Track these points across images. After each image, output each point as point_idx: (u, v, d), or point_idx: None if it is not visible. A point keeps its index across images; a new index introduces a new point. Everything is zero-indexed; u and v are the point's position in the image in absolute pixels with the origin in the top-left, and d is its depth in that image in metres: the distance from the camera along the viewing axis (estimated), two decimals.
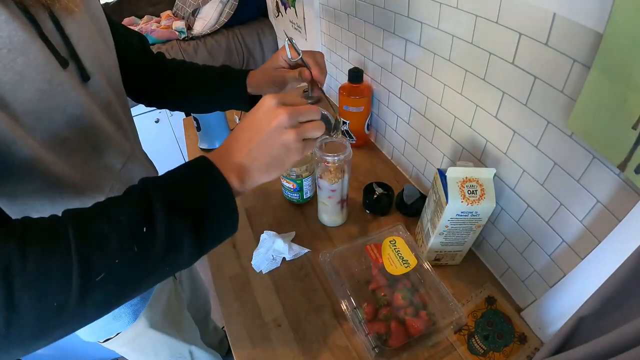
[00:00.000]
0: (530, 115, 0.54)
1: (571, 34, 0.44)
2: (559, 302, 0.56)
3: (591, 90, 0.41)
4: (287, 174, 0.83)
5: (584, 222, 0.50)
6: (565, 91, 0.47)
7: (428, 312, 0.63)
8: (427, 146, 0.84)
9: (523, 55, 0.52)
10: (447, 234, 0.65)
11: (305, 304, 0.70)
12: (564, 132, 0.49)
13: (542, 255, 0.59)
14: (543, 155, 0.54)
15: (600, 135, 0.42)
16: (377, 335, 0.60)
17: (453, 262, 0.74)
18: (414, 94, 0.82)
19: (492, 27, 0.55)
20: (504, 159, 0.62)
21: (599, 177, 0.46)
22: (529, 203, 0.59)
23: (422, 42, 0.73)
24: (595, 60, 0.40)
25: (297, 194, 0.87)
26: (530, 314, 0.63)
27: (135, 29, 1.87)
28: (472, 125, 0.67)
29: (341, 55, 1.14)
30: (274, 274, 0.76)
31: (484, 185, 0.59)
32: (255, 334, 0.66)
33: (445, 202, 0.58)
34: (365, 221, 0.86)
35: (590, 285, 0.48)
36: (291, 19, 1.45)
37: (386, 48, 0.87)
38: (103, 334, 0.65)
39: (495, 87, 0.58)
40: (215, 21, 1.73)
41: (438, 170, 0.63)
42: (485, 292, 0.70)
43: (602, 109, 0.41)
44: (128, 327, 0.66)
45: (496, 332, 0.64)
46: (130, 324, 0.66)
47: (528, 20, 0.49)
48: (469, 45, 0.61)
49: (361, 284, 0.69)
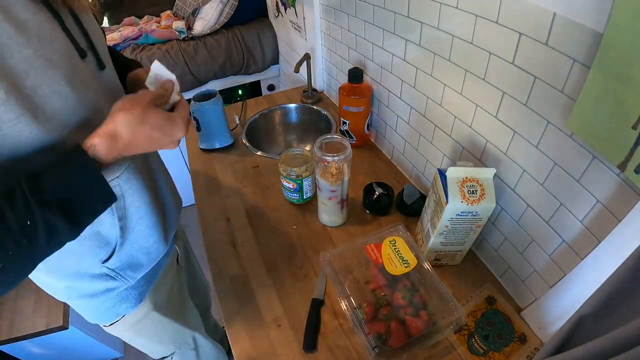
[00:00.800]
0: (530, 115, 0.54)
1: (571, 33, 0.44)
2: (559, 302, 0.56)
3: (591, 90, 0.41)
4: (287, 174, 0.83)
5: (584, 222, 0.50)
6: (565, 91, 0.47)
7: (428, 312, 0.63)
8: (427, 146, 0.84)
9: (523, 55, 0.52)
10: (447, 233, 0.65)
11: (305, 303, 0.70)
12: (564, 132, 0.49)
13: (542, 255, 0.59)
14: (543, 155, 0.54)
15: (600, 135, 0.42)
16: (377, 335, 0.60)
17: (453, 262, 0.74)
18: (414, 94, 0.82)
19: (492, 27, 0.55)
20: (504, 159, 0.62)
21: (599, 177, 0.46)
22: (529, 203, 0.59)
23: (422, 42, 0.73)
24: (595, 60, 0.40)
25: (297, 194, 0.87)
26: (530, 313, 0.63)
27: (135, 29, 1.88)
28: (472, 125, 0.67)
29: (341, 55, 1.14)
30: (273, 273, 0.76)
31: (484, 185, 0.59)
32: (255, 334, 0.66)
33: (445, 202, 0.58)
34: (365, 221, 0.86)
35: (590, 285, 0.48)
36: (291, 19, 1.45)
37: (386, 48, 0.87)
38: (108, 317, 0.66)
39: (495, 87, 0.58)
40: (215, 21, 1.73)
41: (438, 170, 0.63)
42: (485, 292, 0.70)
43: (602, 109, 0.41)
44: (134, 309, 0.66)
45: (496, 332, 0.64)
46: (136, 307, 0.66)
47: (528, 20, 0.49)
48: (469, 45, 0.61)
49: (361, 283, 0.69)
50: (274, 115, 1.34)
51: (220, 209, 0.92)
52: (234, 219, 0.89)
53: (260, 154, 1.10)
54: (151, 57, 1.63)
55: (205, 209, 0.93)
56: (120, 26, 2.06)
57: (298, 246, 0.81)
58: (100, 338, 1.30)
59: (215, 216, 0.90)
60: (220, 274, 0.77)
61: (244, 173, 1.03)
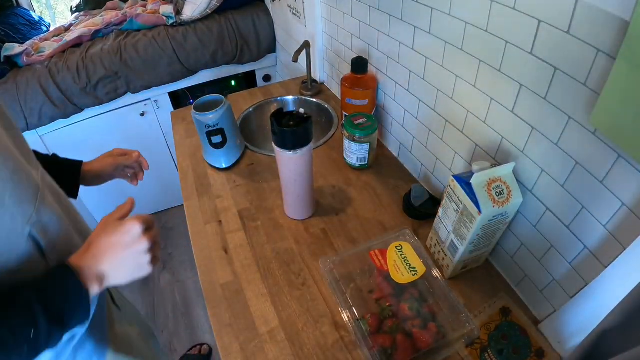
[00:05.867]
0: (549, 109, 0.54)
1: (595, 21, 0.43)
2: (580, 314, 0.56)
3: (617, 83, 0.41)
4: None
5: (608, 227, 0.50)
6: (589, 84, 0.47)
7: (437, 324, 0.63)
8: (437, 143, 0.84)
9: (542, 44, 0.51)
10: (477, 241, 0.65)
11: (304, 314, 0.70)
12: (586, 129, 0.49)
13: (562, 263, 0.59)
14: (564, 153, 0.54)
15: (627, 132, 0.42)
16: (382, 349, 0.60)
17: (478, 264, 0.75)
18: (423, 86, 0.82)
19: (509, 13, 0.55)
20: (521, 158, 0.62)
21: (625, 177, 0.46)
22: (548, 206, 0.59)
23: (432, 29, 0.73)
24: (621, 50, 0.40)
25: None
26: (548, 326, 0.63)
27: (119, 13, 1.88)
28: (487, 121, 0.67)
29: (344, 44, 1.14)
30: (269, 281, 0.76)
31: (508, 183, 0.60)
32: (249, 347, 0.66)
33: (477, 212, 0.59)
34: (365, 221, 0.86)
35: (614, 296, 0.48)
36: (289, 3, 1.45)
37: (393, 36, 0.87)
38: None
39: (512, 79, 0.58)
40: (206, 5, 1.73)
41: (455, 178, 0.63)
42: (500, 302, 0.70)
43: (628, 104, 0.41)
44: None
45: (511, 346, 0.64)
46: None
47: (548, 5, 0.49)
48: (483, 33, 0.61)
49: (364, 292, 0.69)
50: (270, 109, 1.34)
51: (211, 210, 0.92)
52: (226, 222, 0.89)
53: (254, 150, 1.10)
54: (136, 45, 1.62)
55: (195, 211, 0.93)
56: (102, 10, 2.06)
57: (296, 251, 0.81)
58: None
59: (206, 218, 0.90)
60: (211, 281, 0.77)
61: (237, 171, 1.03)
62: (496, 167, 0.60)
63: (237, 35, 1.79)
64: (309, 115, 0.73)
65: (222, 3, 1.75)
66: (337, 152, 1.06)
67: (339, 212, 0.89)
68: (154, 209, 2.21)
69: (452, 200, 0.65)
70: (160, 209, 2.22)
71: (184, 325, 1.69)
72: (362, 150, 0.94)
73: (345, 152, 0.98)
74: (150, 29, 1.73)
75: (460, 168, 0.79)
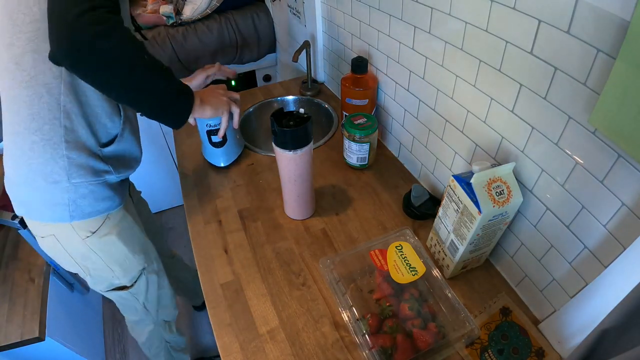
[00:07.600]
0: (549, 109, 0.54)
1: (595, 21, 0.44)
2: (580, 314, 0.56)
3: (617, 83, 0.41)
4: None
5: (608, 227, 0.50)
6: (589, 84, 0.47)
7: (437, 324, 0.63)
8: (437, 143, 0.84)
9: (542, 44, 0.52)
10: (477, 241, 0.65)
11: (304, 314, 0.70)
12: (586, 129, 0.49)
13: (562, 263, 0.59)
14: (564, 153, 0.54)
15: (627, 132, 0.42)
16: (382, 349, 0.60)
17: (478, 264, 0.75)
18: (423, 86, 0.82)
19: (509, 13, 0.55)
20: (521, 157, 0.62)
21: (625, 177, 0.46)
22: (548, 205, 0.59)
23: (432, 29, 0.73)
24: (621, 50, 0.40)
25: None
26: (548, 326, 0.63)
27: None
28: (487, 121, 0.67)
29: (344, 44, 1.14)
30: (269, 281, 0.76)
31: (508, 182, 0.60)
32: (249, 347, 0.66)
33: (477, 212, 0.59)
34: (365, 221, 0.86)
35: (614, 296, 0.48)
36: (289, 3, 1.45)
37: (393, 35, 0.87)
38: (96, 214, 0.78)
39: (512, 79, 0.58)
40: (206, 5, 1.73)
41: (455, 178, 0.63)
42: (500, 302, 0.70)
43: (628, 104, 0.41)
44: (116, 209, 0.82)
45: (511, 346, 0.64)
46: (119, 207, 0.82)
47: (548, 5, 0.49)
48: (483, 33, 0.61)
49: (364, 292, 0.69)
50: (270, 109, 1.34)
51: (211, 210, 0.92)
52: (226, 222, 0.89)
53: (254, 150, 1.10)
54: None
55: (195, 211, 0.93)
56: None
57: (296, 251, 0.81)
58: (79, 350, 1.30)
59: (206, 218, 0.90)
60: (211, 281, 0.77)
61: (237, 171, 1.03)
62: (496, 167, 0.60)
63: (237, 35, 1.79)
64: (309, 115, 0.73)
65: (222, 3, 1.75)
66: (337, 152, 1.06)
67: (339, 212, 0.90)
68: (154, 209, 2.19)
69: (452, 200, 0.65)
70: (160, 209, 2.22)
71: (184, 325, 1.69)
72: (362, 150, 0.94)
73: (345, 152, 0.99)
74: (150, 29, 1.72)
75: (460, 168, 0.79)
